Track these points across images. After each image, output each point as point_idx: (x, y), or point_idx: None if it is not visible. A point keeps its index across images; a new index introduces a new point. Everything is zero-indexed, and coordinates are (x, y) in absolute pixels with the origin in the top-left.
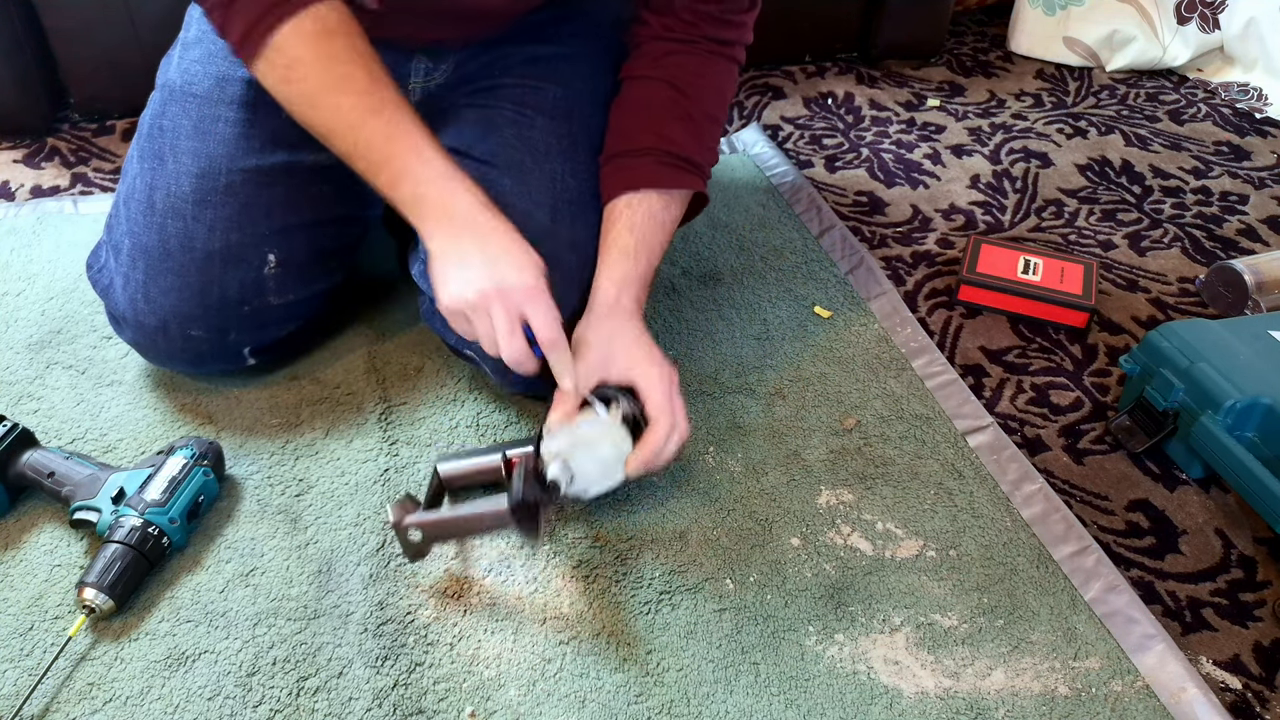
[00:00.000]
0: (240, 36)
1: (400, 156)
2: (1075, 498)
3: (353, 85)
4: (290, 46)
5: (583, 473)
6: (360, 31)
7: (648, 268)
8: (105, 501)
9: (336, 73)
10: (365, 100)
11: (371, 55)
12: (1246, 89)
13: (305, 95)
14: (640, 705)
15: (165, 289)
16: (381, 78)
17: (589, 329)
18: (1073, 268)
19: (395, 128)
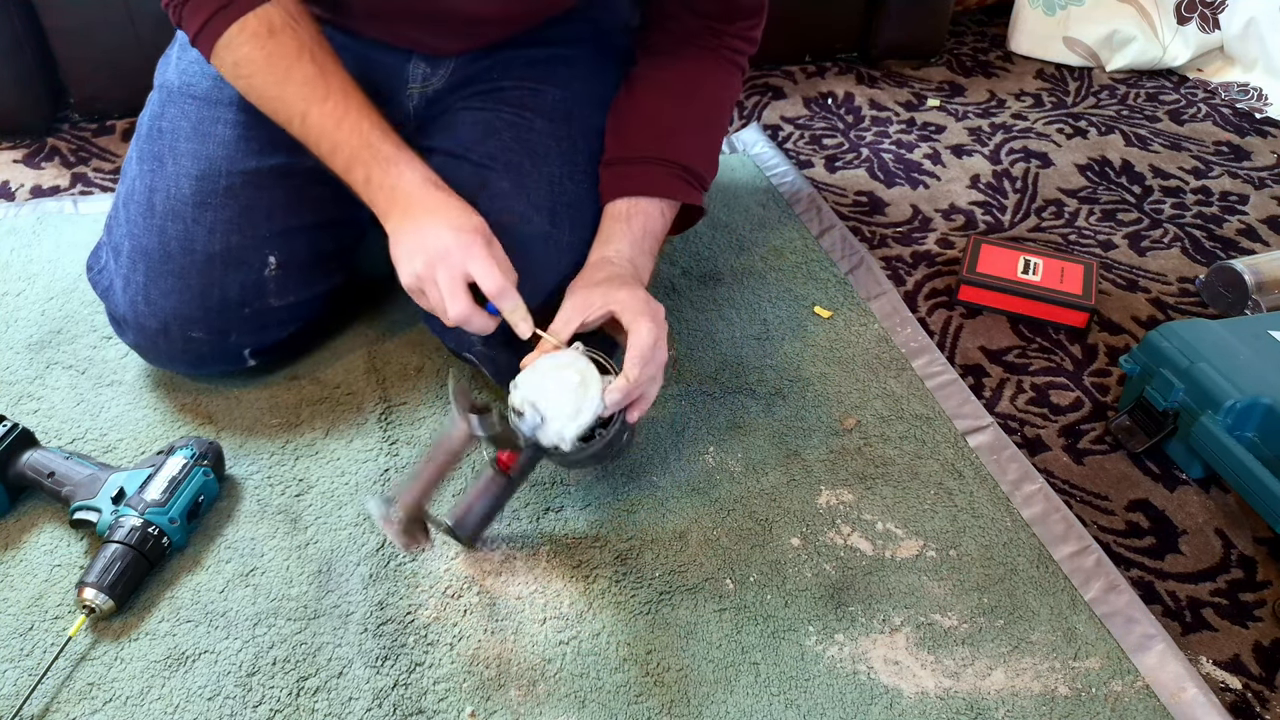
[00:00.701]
0: (193, 35)
1: (347, 142)
2: (1075, 498)
3: (297, 76)
4: (237, 45)
5: (554, 412)
6: (309, 25)
7: (645, 254)
8: (105, 501)
9: (281, 67)
10: (310, 90)
11: (318, 46)
12: (1246, 89)
13: (255, 90)
14: (640, 705)
15: (166, 291)
16: (328, 67)
17: (573, 284)
18: (1073, 268)
19: (342, 114)
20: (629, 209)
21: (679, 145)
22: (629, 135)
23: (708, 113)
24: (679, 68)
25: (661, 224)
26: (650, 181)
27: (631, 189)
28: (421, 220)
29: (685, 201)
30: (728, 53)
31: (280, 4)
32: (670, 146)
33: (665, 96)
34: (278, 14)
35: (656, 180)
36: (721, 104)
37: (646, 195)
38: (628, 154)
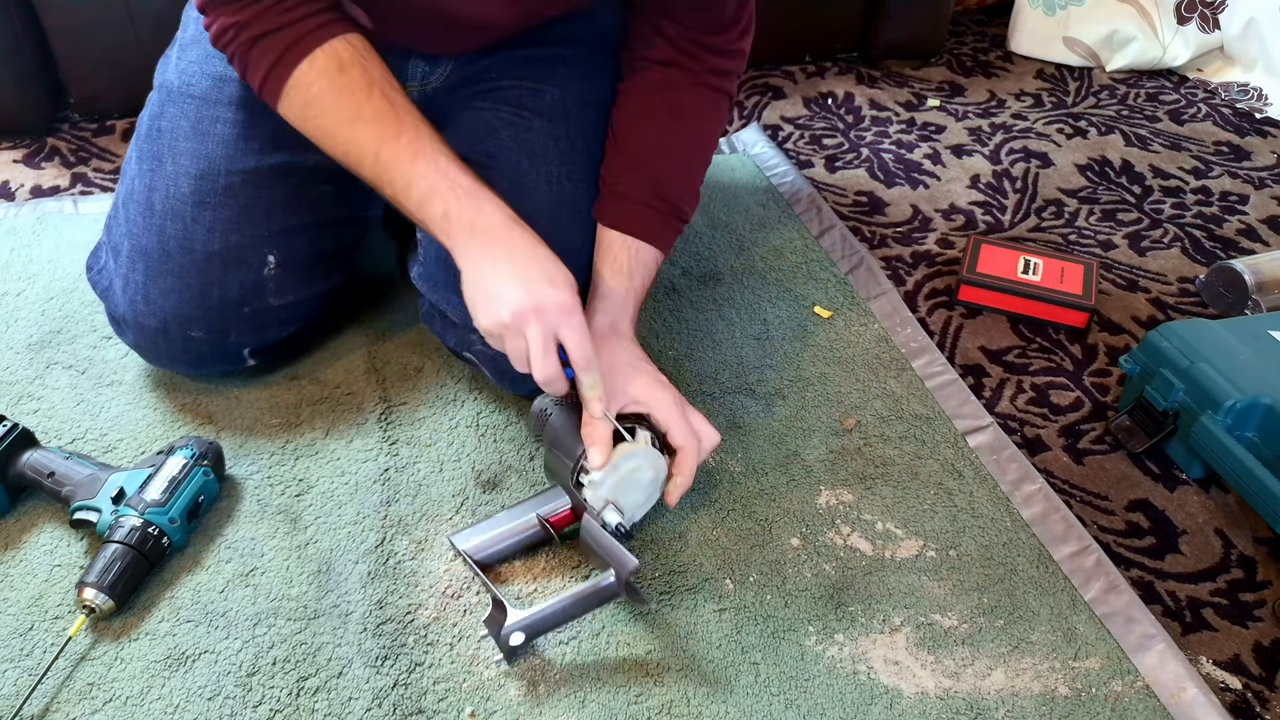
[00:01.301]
0: (261, 81)
1: (425, 176)
2: (1075, 498)
3: (368, 113)
4: (307, 85)
5: (629, 505)
6: (376, 61)
7: (640, 292)
8: (105, 501)
9: (352, 104)
10: (383, 127)
11: (388, 82)
12: (1246, 89)
13: (325, 129)
14: (640, 705)
15: (165, 291)
16: (400, 102)
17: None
18: (1073, 268)
19: (418, 148)
20: (629, 260)
21: (673, 186)
22: (625, 166)
23: (700, 142)
24: (673, 95)
25: (651, 258)
26: (646, 227)
27: (627, 228)
28: (509, 263)
29: (670, 243)
30: (714, 79)
31: (347, 40)
32: (665, 186)
33: (661, 127)
34: (346, 50)
35: (652, 226)
36: (712, 136)
37: (643, 240)
38: (625, 190)
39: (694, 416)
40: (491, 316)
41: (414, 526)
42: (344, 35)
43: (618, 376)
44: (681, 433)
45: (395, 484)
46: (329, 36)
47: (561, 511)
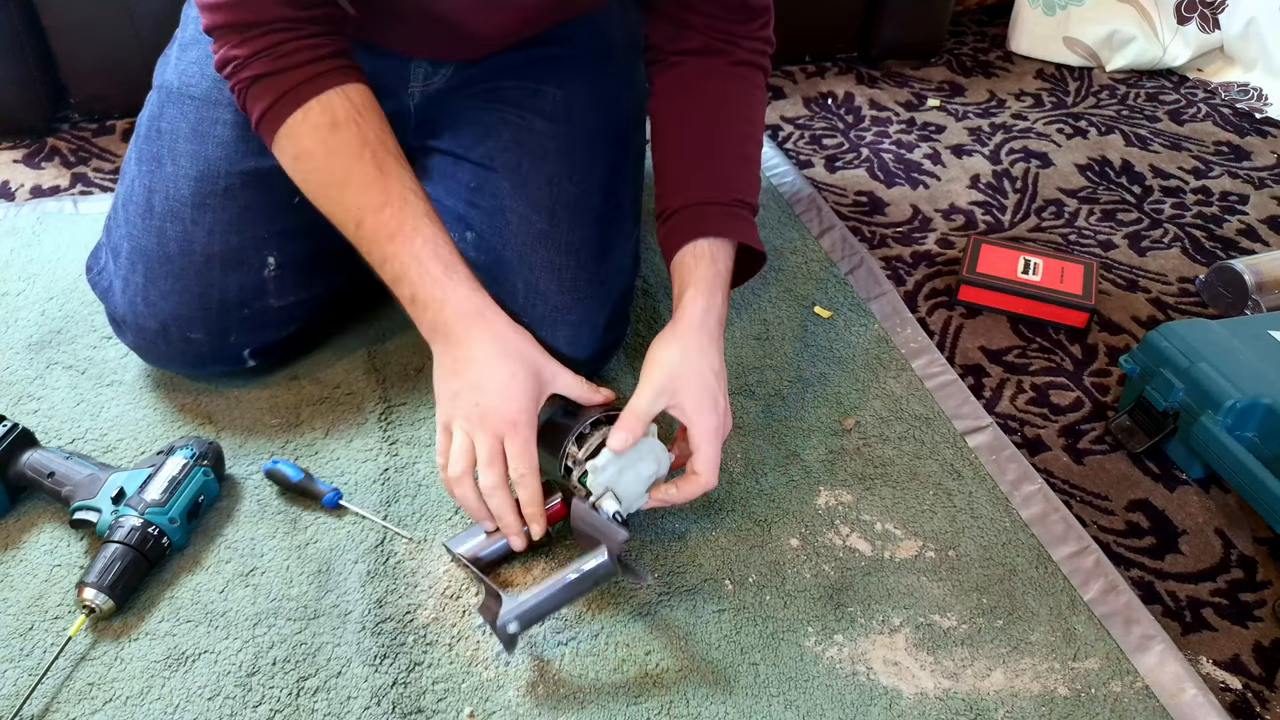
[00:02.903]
0: (256, 120)
1: (398, 257)
2: (1075, 498)
3: (356, 179)
4: (299, 137)
5: (627, 497)
6: (374, 118)
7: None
8: (105, 501)
9: (341, 165)
10: (366, 196)
11: (381, 142)
12: (1246, 89)
13: (312, 186)
14: (639, 706)
15: (165, 292)
16: (390, 168)
17: (666, 344)
18: (1073, 268)
19: (397, 225)
20: (693, 260)
21: (736, 180)
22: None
23: (751, 130)
24: (714, 85)
25: (728, 261)
26: (724, 223)
27: (707, 230)
28: (467, 366)
29: (736, 238)
30: (748, 55)
31: (346, 92)
32: (730, 184)
33: (710, 124)
34: (342, 105)
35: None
36: (758, 119)
37: (715, 237)
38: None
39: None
40: (444, 415)
41: (414, 527)
42: (343, 86)
43: (682, 379)
44: (705, 461)
45: (395, 484)
46: (327, 87)
47: (553, 505)
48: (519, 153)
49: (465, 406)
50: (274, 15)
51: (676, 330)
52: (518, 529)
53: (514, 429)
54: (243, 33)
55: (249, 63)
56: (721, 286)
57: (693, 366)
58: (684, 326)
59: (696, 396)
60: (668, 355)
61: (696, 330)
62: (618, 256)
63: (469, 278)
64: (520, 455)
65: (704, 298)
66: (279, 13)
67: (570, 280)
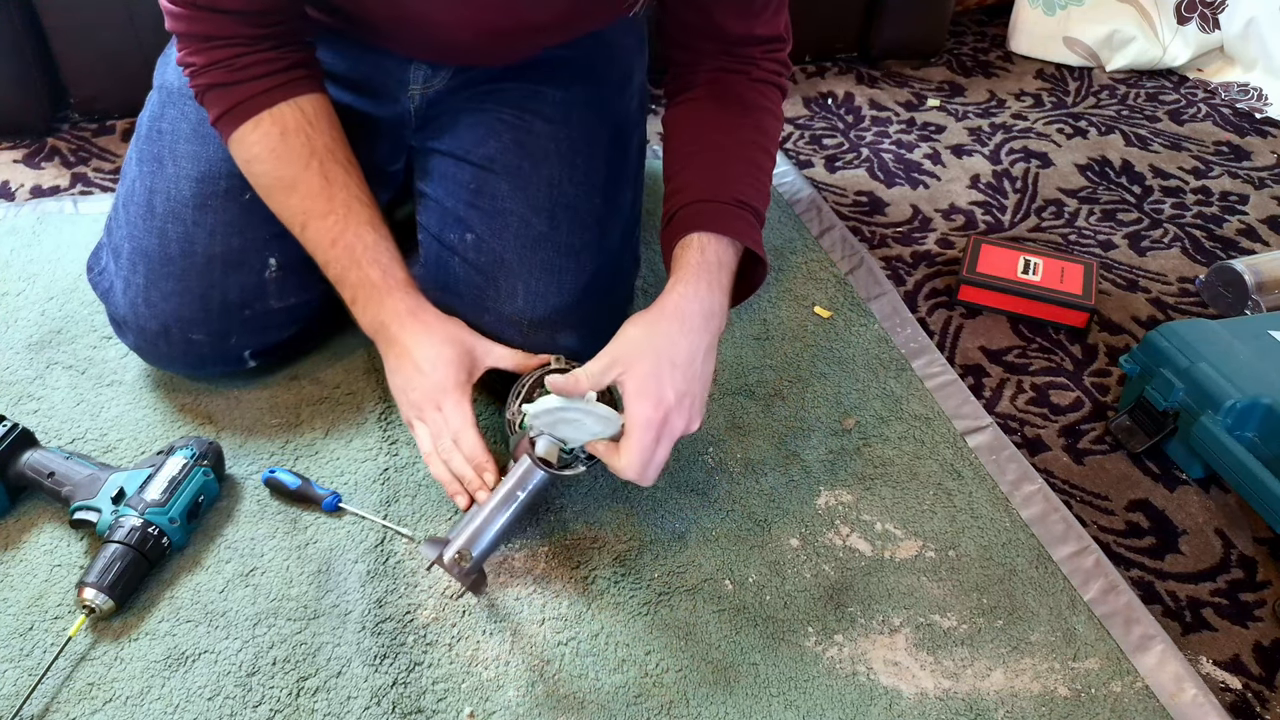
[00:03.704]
0: (213, 122)
1: (339, 261)
2: (1075, 498)
3: (301, 187)
4: (249, 144)
5: (570, 440)
6: (325, 128)
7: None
8: (105, 501)
9: (289, 174)
10: (311, 203)
11: (330, 152)
12: (1246, 89)
13: (262, 189)
14: (639, 706)
15: (166, 293)
16: (335, 177)
17: (634, 321)
18: (1073, 268)
19: (338, 233)
20: (681, 249)
21: (732, 182)
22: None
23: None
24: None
25: (733, 258)
26: (718, 219)
27: (700, 226)
28: (399, 363)
29: (733, 236)
30: (765, 74)
31: (299, 104)
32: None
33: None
34: (293, 116)
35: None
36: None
37: (707, 232)
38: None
39: (659, 453)
40: (402, 412)
41: (414, 527)
42: (296, 99)
43: (637, 356)
44: (629, 450)
45: (395, 484)
46: (279, 100)
47: None
48: (519, 154)
49: (410, 394)
50: (230, 32)
51: (648, 313)
52: (478, 484)
53: (444, 395)
54: (200, 43)
55: (205, 71)
56: (707, 276)
57: (649, 350)
58: (655, 311)
59: (641, 380)
60: (631, 331)
61: (668, 316)
62: (618, 259)
63: (404, 281)
64: (451, 416)
65: (682, 285)
66: (236, 30)
67: (570, 282)
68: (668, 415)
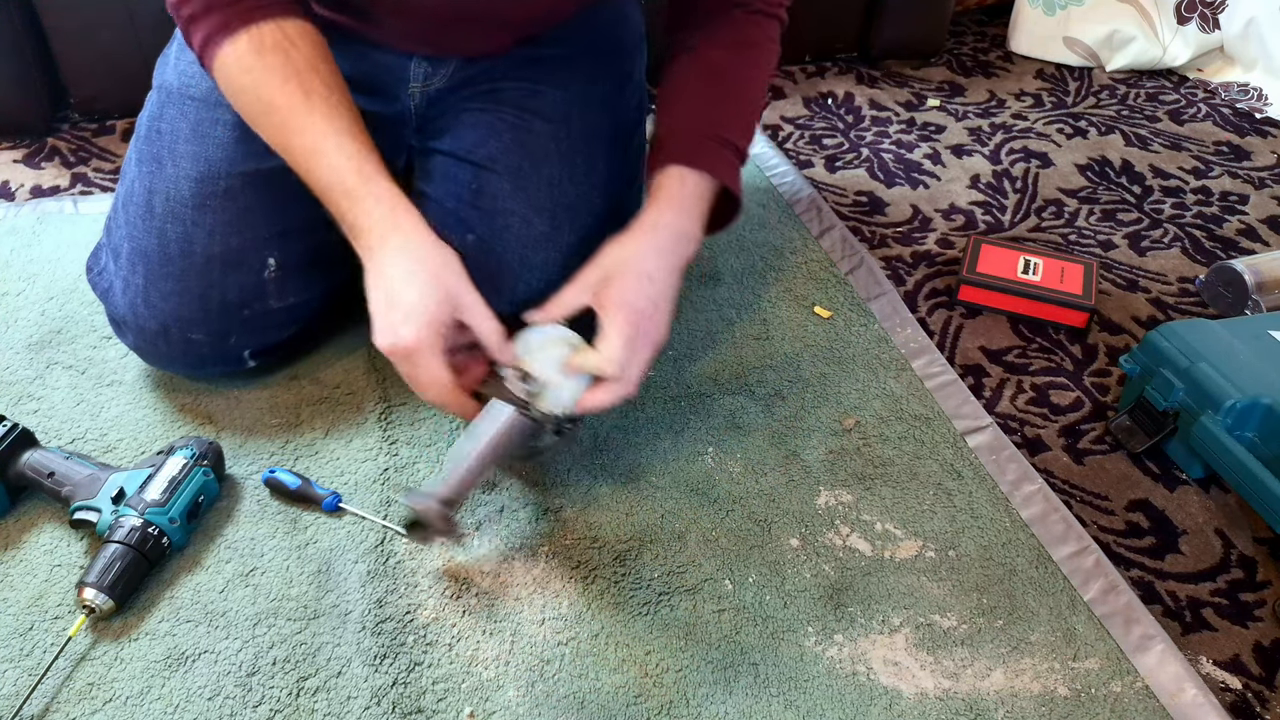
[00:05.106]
0: (198, 56)
1: (319, 171)
2: (1075, 498)
3: (281, 104)
4: (229, 66)
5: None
6: (306, 47)
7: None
8: (105, 501)
9: (268, 93)
10: (293, 119)
11: (312, 69)
12: (1246, 89)
13: (246, 113)
14: (639, 706)
15: (165, 293)
16: (316, 93)
17: (605, 248)
18: (1073, 268)
19: (319, 144)
20: (664, 175)
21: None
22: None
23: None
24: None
25: (709, 190)
26: (699, 155)
27: (682, 159)
28: (377, 281)
29: (727, 183)
30: (762, 4)
31: (280, 23)
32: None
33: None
34: (271, 34)
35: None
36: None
37: (683, 165)
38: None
39: (639, 355)
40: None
41: None
42: (279, 20)
43: (609, 271)
44: (614, 350)
45: (395, 484)
46: (259, 19)
47: None
48: (520, 154)
49: (383, 326)
50: None
51: (619, 238)
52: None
53: (418, 355)
54: None
55: (188, 2)
56: (683, 205)
57: (625, 264)
58: (631, 232)
59: (619, 289)
60: (603, 255)
61: (643, 235)
62: None
63: (389, 190)
64: (418, 377)
65: (656, 210)
66: None
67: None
68: (642, 320)
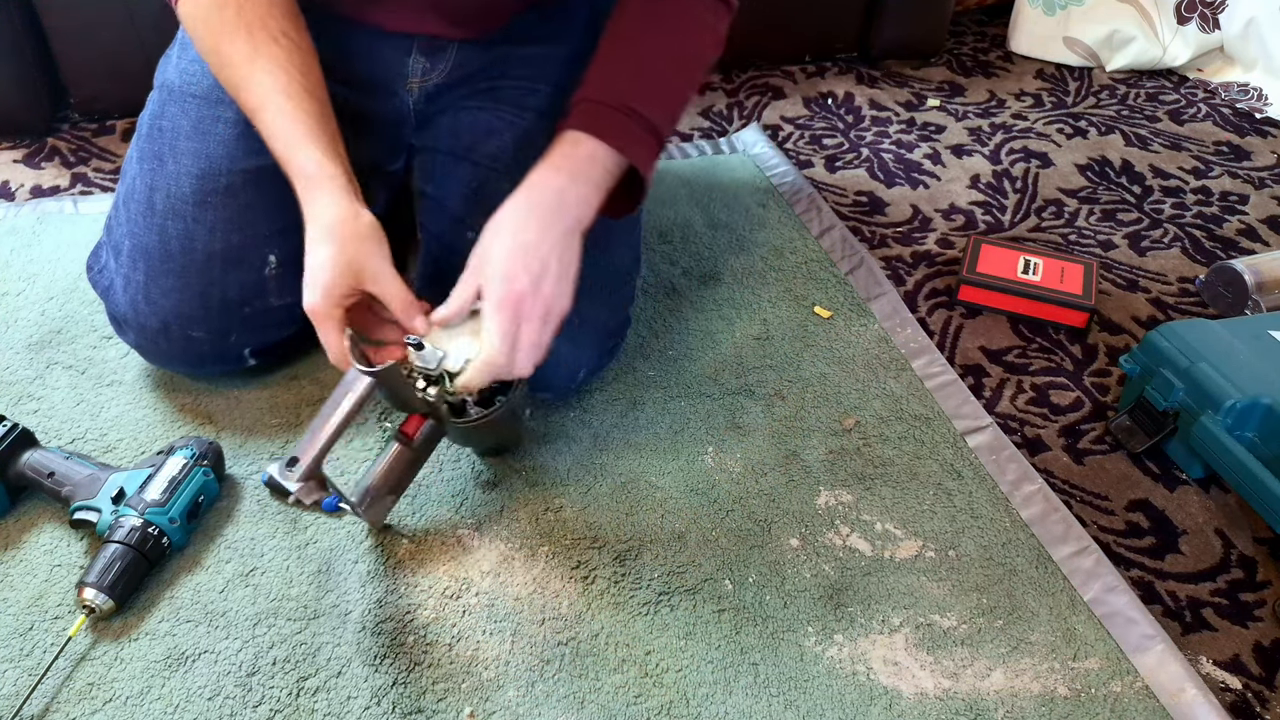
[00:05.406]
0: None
1: (263, 128)
2: (1075, 498)
3: (230, 58)
4: (188, 17)
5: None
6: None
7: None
8: (105, 501)
9: (221, 47)
10: (240, 73)
11: (261, 24)
12: (1246, 89)
13: (208, 63)
14: (639, 706)
15: (166, 290)
16: (263, 48)
17: (485, 229)
18: (1073, 268)
19: (262, 102)
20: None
21: (642, 98)
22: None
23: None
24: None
25: (609, 156)
26: (598, 122)
27: (582, 125)
28: (307, 235)
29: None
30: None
31: None
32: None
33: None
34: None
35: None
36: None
37: (580, 131)
38: (584, 96)
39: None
40: None
41: (414, 526)
42: None
43: (482, 255)
44: (489, 333)
45: None
46: None
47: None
48: (520, 153)
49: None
50: None
51: (497, 213)
52: None
53: (317, 321)
54: None
55: None
56: (571, 167)
57: (499, 238)
58: (508, 202)
59: (495, 266)
60: (482, 239)
61: (518, 202)
62: (619, 256)
63: (310, 155)
64: (323, 342)
65: (537, 174)
66: None
67: None
68: (522, 295)
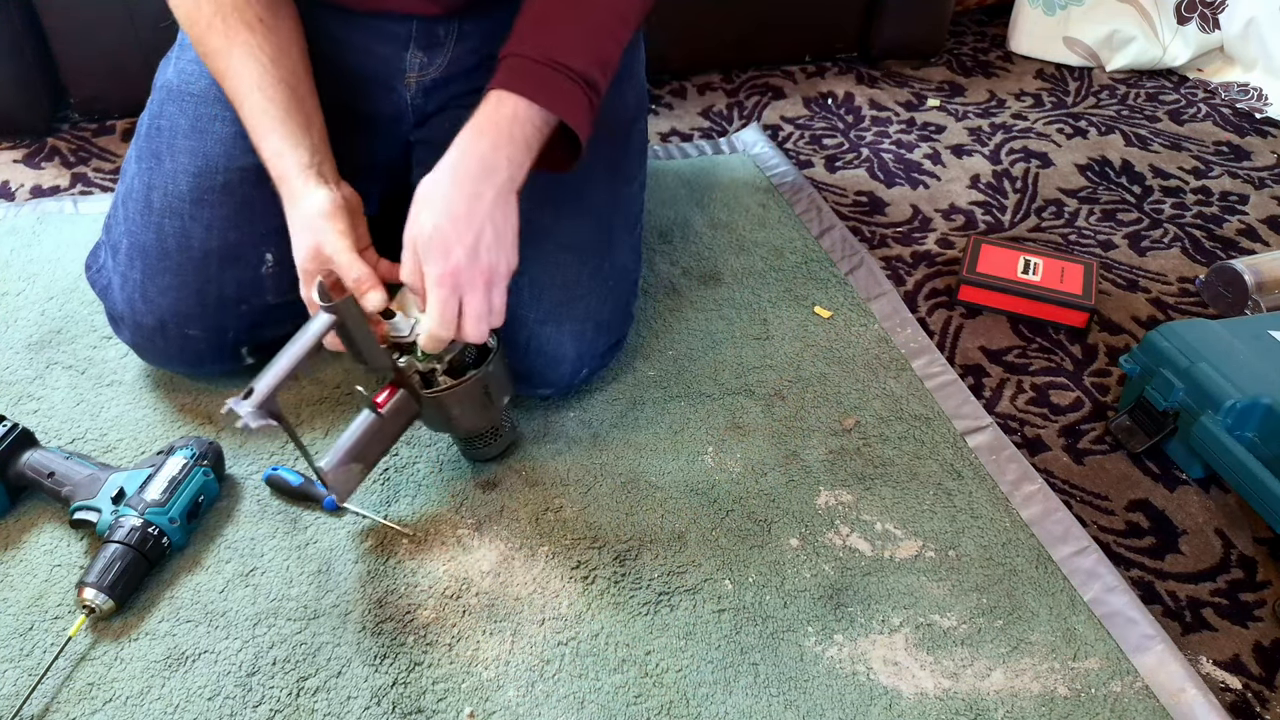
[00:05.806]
0: None
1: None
2: (1075, 498)
3: (209, 49)
4: (175, 8)
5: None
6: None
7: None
8: (105, 501)
9: (203, 38)
10: (219, 64)
11: (236, 12)
12: (1246, 89)
13: (199, 54)
14: (639, 706)
15: (163, 288)
16: (238, 39)
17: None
18: (1073, 268)
19: (235, 92)
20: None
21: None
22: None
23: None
24: None
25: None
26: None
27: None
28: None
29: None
30: None
31: None
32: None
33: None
34: None
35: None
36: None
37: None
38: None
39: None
40: None
41: (414, 526)
42: None
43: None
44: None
45: (395, 484)
46: None
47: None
48: None
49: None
50: None
51: (423, 182)
52: None
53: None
54: None
55: None
56: (494, 131)
57: (427, 213)
58: (428, 178)
59: (426, 243)
60: (411, 210)
61: (442, 172)
62: (620, 253)
63: (276, 146)
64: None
65: (460, 140)
66: None
67: (573, 277)
68: (458, 268)
